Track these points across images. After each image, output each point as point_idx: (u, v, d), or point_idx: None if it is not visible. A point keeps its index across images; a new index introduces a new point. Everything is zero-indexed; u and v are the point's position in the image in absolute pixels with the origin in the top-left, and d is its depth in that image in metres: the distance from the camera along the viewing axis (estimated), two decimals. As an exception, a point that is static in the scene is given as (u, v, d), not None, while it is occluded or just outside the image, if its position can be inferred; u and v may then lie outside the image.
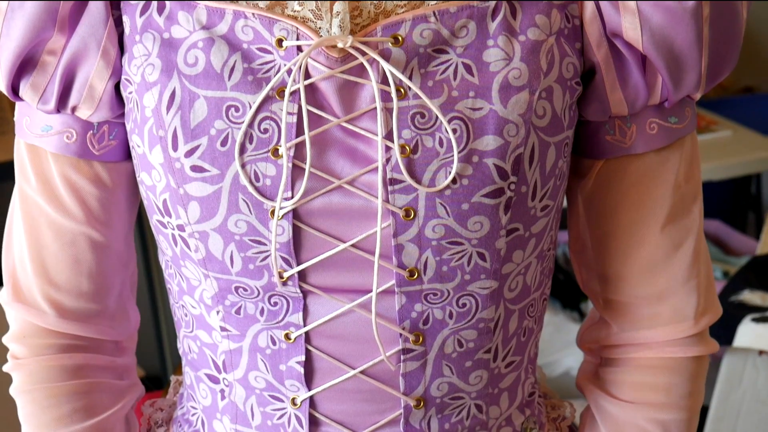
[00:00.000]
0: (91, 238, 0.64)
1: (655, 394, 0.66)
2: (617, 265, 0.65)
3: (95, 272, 0.65)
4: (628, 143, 0.62)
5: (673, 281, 0.64)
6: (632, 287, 0.65)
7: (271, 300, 0.59)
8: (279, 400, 0.62)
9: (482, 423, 0.64)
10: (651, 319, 0.65)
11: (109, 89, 0.59)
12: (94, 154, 0.62)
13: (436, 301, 0.59)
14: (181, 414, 0.71)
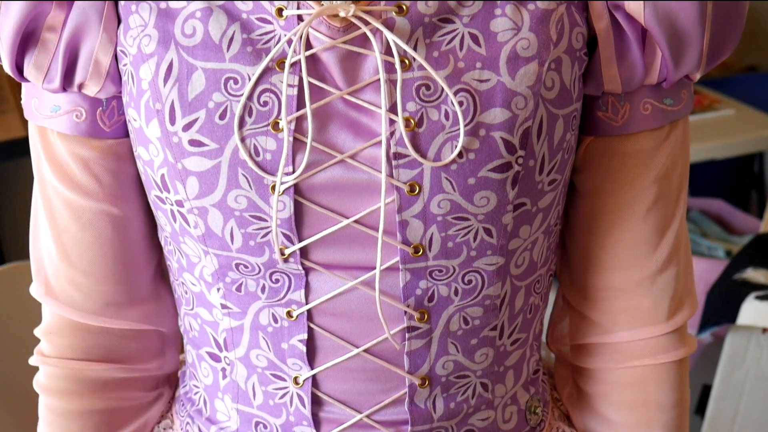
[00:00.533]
0: (111, 215, 0.62)
1: (647, 410, 0.65)
2: (599, 248, 0.64)
3: (119, 251, 0.63)
4: (619, 122, 0.60)
5: (654, 268, 0.63)
6: (613, 272, 0.63)
7: (272, 277, 0.58)
8: (281, 379, 0.61)
9: (488, 401, 0.63)
10: (629, 313, 0.64)
11: (114, 62, 0.57)
12: (105, 131, 0.60)
13: (441, 277, 0.57)
14: (183, 392, 0.70)
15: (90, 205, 0.62)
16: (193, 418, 0.68)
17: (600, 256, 0.64)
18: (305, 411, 0.61)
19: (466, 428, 0.63)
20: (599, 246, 0.64)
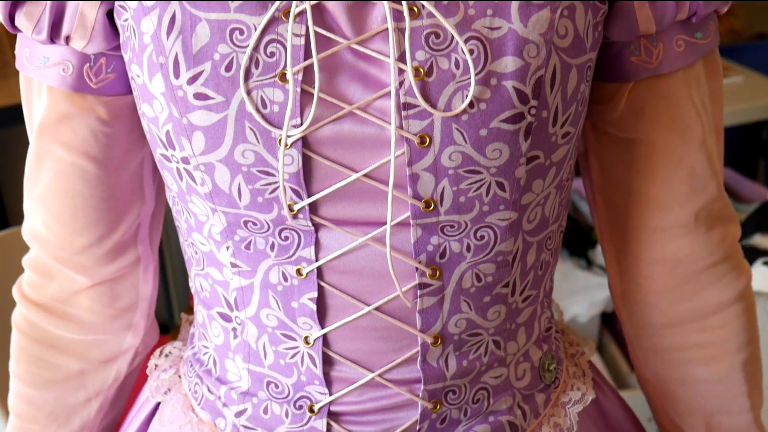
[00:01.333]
0: (84, 170, 0.63)
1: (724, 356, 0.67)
2: (655, 190, 0.63)
3: (89, 206, 0.65)
4: (654, 63, 0.59)
5: (710, 198, 0.64)
6: (675, 209, 0.64)
7: (281, 234, 0.57)
8: (291, 338, 0.60)
9: (500, 359, 0.63)
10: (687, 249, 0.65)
11: (101, 18, 0.56)
12: (91, 88, 0.60)
13: (453, 233, 0.56)
14: (192, 354, 0.70)
15: (65, 157, 0.63)
16: (202, 378, 0.67)
17: (655, 198, 0.64)
18: (316, 371, 0.60)
19: (479, 386, 0.62)
20: (657, 187, 0.63)
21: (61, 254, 0.67)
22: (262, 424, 0.63)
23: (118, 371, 0.73)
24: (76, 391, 0.72)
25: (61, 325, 0.69)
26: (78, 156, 0.63)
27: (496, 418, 0.64)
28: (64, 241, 0.66)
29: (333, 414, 0.61)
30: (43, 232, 0.66)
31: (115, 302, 0.70)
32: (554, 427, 0.66)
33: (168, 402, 0.68)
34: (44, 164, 0.64)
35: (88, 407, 0.73)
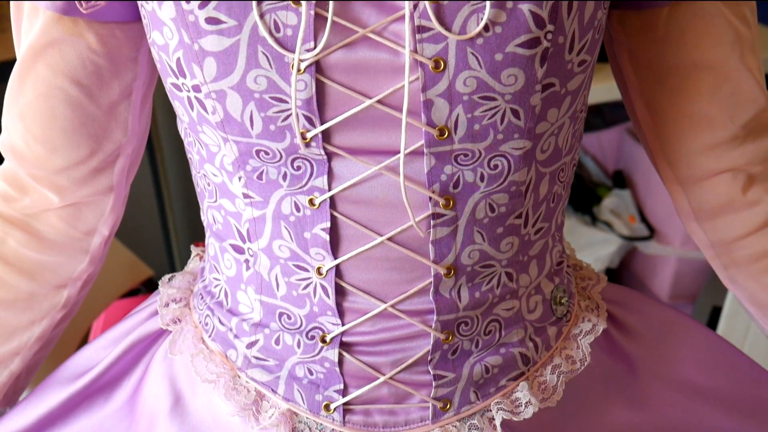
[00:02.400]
0: (67, 94, 0.63)
1: None
2: (703, 108, 0.64)
3: (70, 130, 0.65)
4: None
5: (759, 110, 0.65)
6: (725, 124, 0.65)
7: (294, 164, 0.56)
8: (304, 269, 0.60)
9: (512, 291, 0.63)
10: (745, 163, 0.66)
11: None
12: (81, 12, 0.60)
13: (467, 162, 0.56)
14: (202, 286, 0.70)
15: (49, 78, 0.63)
16: (213, 310, 0.67)
17: (704, 116, 0.65)
18: (329, 301, 0.60)
19: (491, 318, 0.62)
20: (701, 106, 0.64)
21: (38, 172, 0.67)
22: (274, 354, 0.64)
23: (68, 298, 0.74)
24: (21, 312, 0.71)
25: (23, 240, 0.70)
26: (63, 80, 0.63)
27: (507, 350, 0.64)
28: (42, 161, 0.66)
29: (345, 344, 0.61)
30: (21, 148, 0.66)
31: (80, 224, 0.71)
32: (566, 359, 0.66)
33: (178, 332, 0.69)
34: (28, 83, 0.63)
35: (30, 331, 0.72)
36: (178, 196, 2.05)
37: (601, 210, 2.06)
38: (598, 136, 2.12)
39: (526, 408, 0.64)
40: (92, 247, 0.73)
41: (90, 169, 0.68)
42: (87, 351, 0.73)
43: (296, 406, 0.64)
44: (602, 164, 2.16)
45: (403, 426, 0.63)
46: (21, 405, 0.72)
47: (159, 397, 0.68)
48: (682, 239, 1.93)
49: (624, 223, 2.02)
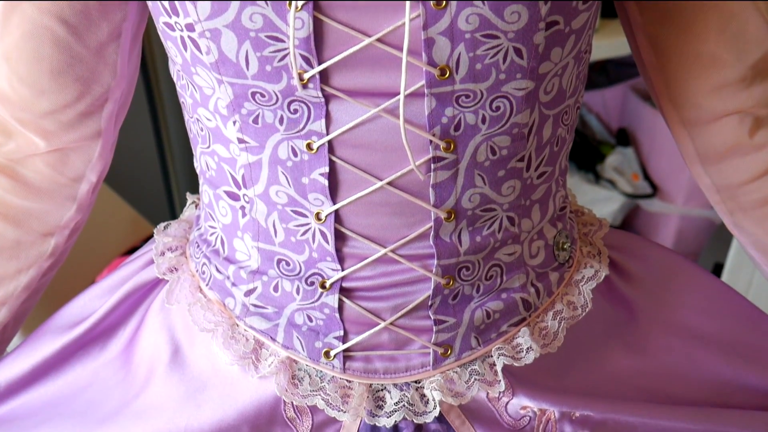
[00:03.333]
0: (55, 35, 0.62)
1: None
2: (710, 47, 0.62)
3: (56, 71, 0.63)
4: None
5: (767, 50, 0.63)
6: (733, 64, 0.63)
7: (290, 107, 0.55)
8: (302, 215, 0.59)
9: (514, 236, 0.62)
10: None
11: None
12: None
13: (468, 104, 0.55)
14: (198, 235, 0.69)
15: (35, 16, 0.61)
16: (210, 258, 0.66)
17: (710, 56, 0.63)
18: (328, 247, 0.59)
19: (492, 263, 0.62)
20: (708, 45, 0.63)
21: (24, 116, 0.65)
22: (273, 302, 0.63)
23: (55, 246, 0.72)
24: (7, 261, 0.70)
25: (8, 186, 0.68)
26: (50, 18, 0.61)
27: (509, 295, 0.63)
28: (28, 103, 0.65)
29: (345, 290, 0.61)
30: (6, 90, 0.64)
31: (67, 170, 0.69)
32: (568, 304, 0.66)
33: (175, 282, 0.68)
34: (13, 20, 0.61)
35: (17, 280, 0.71)
36: (180, 152, 2.04)
37: (605, 168, 2.04)
38: (602, 94, 2.10)
39: (527, 354, 0.63)
40: (79, 195, 0.71)
41: (77, 112, 0.66)
42: (81, 300, 0.73)
43: (296, 354, 0.63)
44: (606, 122, 2.14)
45: (404, 372, 0.63)
46: (14, 353, 0.71)
47: (157, 347, 0.68)
48: (685, 197, 1.92)
49: (627, 181, 2.01)
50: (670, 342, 0.71)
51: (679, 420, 0.67)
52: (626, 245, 0.73)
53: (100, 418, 0.67)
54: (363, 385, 0.63)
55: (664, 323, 0.71)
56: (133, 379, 0.68)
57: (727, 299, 0.74)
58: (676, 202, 1.94)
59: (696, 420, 0.67)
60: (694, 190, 1.90)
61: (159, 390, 0.66)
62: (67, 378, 0.69)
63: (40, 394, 0.70)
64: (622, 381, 0.69)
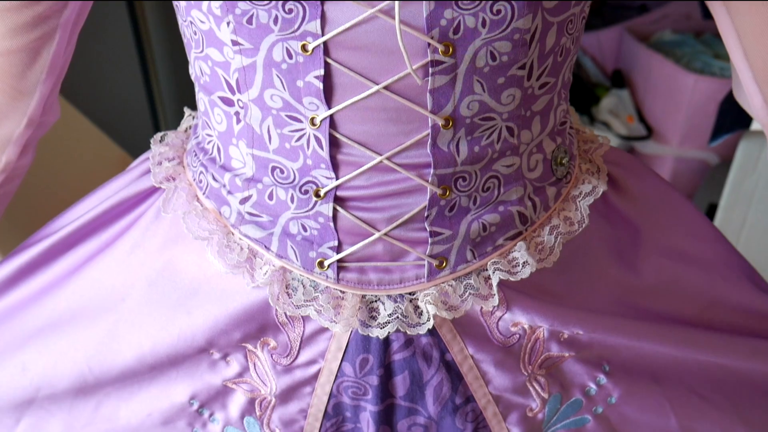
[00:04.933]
0: None
1: None
2: None
3: None
4: None
5: None
6: None
7: (285, 6, 0.53)
8: (297, 120, 0.58)
9: (513, 147, 0.61)
10: None
11: None
12: None
13: (468, 6, 0.53)
14: (195, 143, 0.68)
15: None
16: (206, 167, 0.65)
17: None
18: (323, 153, 0.58)
19: (490, 174, 0.61)
20: None
21: None
22: (267, 210, 0.62)
23: (6, 162, 0.70)
24: None
25: None
26: None
27: (505, 208, 0.63)
28: None
29: (339, 199, 0.60)
30: None
31: (16, 81, 0.66)
32: (564, 220, 0.65)
33: (172, 190, 0.67)
34: None
35: None
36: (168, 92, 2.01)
37: (600, 110, 2.03)
38: (597, 36, 2.07)
39: (523, 268, 0.63)
40: (30, 109, 0.68)
41: (35, 14, 0.62)
42: (72, 210, 0.72)
43: (290, 264, 0.63)
44: (601, 64, 2.12)
45: (398, 284, 0.62)
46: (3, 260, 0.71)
47: (149, 255, 0.67)
48: (680, 138, 1.91)
49: (622, 123, 1.99)
50: (660, 262, 0.71)
51: (663, 344, 0.68)
52: (626, 163, 0.72)
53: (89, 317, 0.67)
54: (356, 296, 0.62)
55: (656, 243, 0.71)
56: (121, 283, 0.67)
57: (708, 226, 0.74)
58: (671, 144, 1.93)
59: (680, 346, 0.68)
60: (689, 132, 1.89)
61: (150, 297, 0.66)
62: (54, 270, 0.69)
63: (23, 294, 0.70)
64: (615, 297, 0.69)
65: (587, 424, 0.70)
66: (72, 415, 0.71)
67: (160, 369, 0.68)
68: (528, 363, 0.67)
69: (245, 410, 0.69)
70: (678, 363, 0.69)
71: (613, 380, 0.69)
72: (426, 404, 0.67)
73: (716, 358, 0.69)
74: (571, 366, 0.68)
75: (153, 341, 0.66)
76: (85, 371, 0.68)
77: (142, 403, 0.69)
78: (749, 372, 0.70)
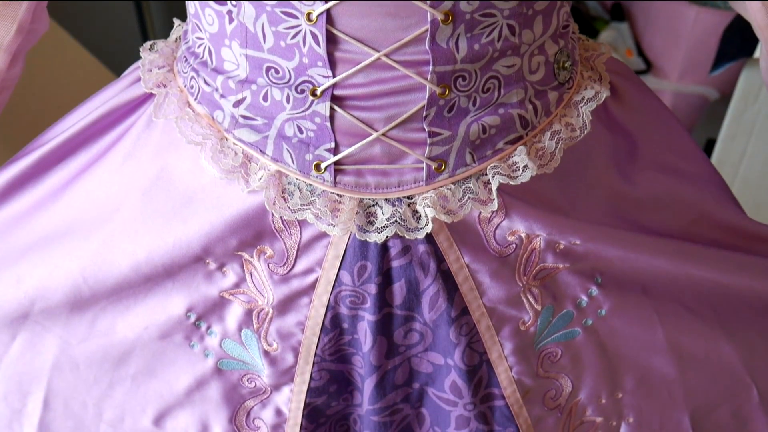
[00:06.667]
0: None
1: None
2: None
3: None
4: None
5: None
6: None
7: None
8: (293, 16, 0.56)
9: (514, 47, 0.59)
10: None
11: None
12: None
13: None
14: (186, 48, 0.66)
15: None
16: (198, 71, 0.64)
17: None
18: (320, 50, 0.56)
19: (490, 74, 0.59)
20: None
21: None
22: (262, 112, 0.61)
23: None
24: None
25: None
26: None
27: (506, 111, 0.61)
28: None
29: (336, 98, 0.58)
30: None
31: None
32: (566, 126, 0.64)
33: (163, 96, 0.65)
34: None
35: None
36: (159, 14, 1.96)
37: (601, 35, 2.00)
38: (598, -32, 2.03)
39: (523, 172, 0.62)
40: (20, 14, 0.66)
41: None
42: (63, 121, 0.70)
43: (285, 167, 0.62)
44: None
45: (396, 187, 0.61)
46: None
47: (141, 164, 0.66)
48: (679, 73, 1.89)
49: (621, 57, 1.97)
50: (655, 175, 0.70)
51: (655, 256, 0.67)
52: (627, 74, 0.71)
53: (83, 229, 0.66)
54: (354, 200, 0.61)
55: (651, 157, 0.71)
56: (115, 194, 0.66)
57: (698, 150, 0.74)
58: (670, 79, 1.91)
59: (672, 258, 0.68)
60: (688, 67, 1.87)
61: (144, 207, 0.65)
62: (45, 185, 0.67)
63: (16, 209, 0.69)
64: (611, 207, 0.68)
65: (577, 337, 0.70)
66: (68, 331, 0.71)
67: (155, 280, 0.67)
68: (523, 274, 0.66)
69: (242, 322, 0.68)
70: (668, 275, 0.69)
71: (605, 292, 0.69)
72: (422, 311, 0.66)
73: (705, 271, 0.69)
74: (565, 277, 0.68)
75: (148, 250, 0.65)
76: (79, 282, 0.67)
77: (139, 316, 0.69)
78: (736, 285, 0.71)
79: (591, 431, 0.76)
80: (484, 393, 0.71)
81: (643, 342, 0.71)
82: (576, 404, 0.74)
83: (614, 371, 0.72)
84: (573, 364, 0.71)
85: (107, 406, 0.73)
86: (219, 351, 0.69)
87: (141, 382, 0.72)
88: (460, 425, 0.73)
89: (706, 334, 0.72)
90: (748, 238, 0.73)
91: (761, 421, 0.77)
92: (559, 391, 0.73)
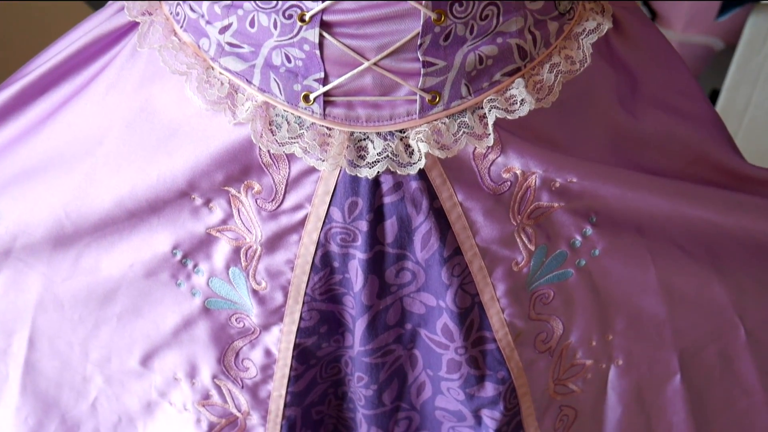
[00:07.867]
0: None
1: None
2: None
3: None
4: None
5: None
6: None
7: None
8: None
9: None
10: None
11: None
12: None
13: None
14: None
15: None
16: None
17: None
18: None
19: (488, 0, 0.56)
20: None
21: None
22: (249, 39, 0.58)
23: None
24: None
25: None
26: None
27: (504, 40, 0.59)
28: None
29: (326, 24, 0.56)
30: None
31: None
32: (566, 58, 0.61)
33: (147, 24, 0.63)
34: None
35: None
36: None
37: (602, -7, 1.96)
38: None
39: (521, 106, 0.59)
40: None
41: None
42: (45, 53, 0.68)
43: (273, 98, 0.59)
44: (606, -54, 2.03)
45: (388, 120, 0.59)
46: None
47: (125, 95, 0.63)
48: (685, 23, 1.85)
49: (625, 6, 1.93)
50: (656, 113, 0.68)
51: (652, 194, 0.66)
52: (631, 6, 0.68)
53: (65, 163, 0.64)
54: (344, 133, 0.59)
55: (653, 95, 0.69)
56: (98, 126, 0.64)
57: (700, 89, 0.72)
58: (675, 29, 1.87)
59: (668, 196, 0.67)
60: (694, 16, 1.83)
61: (128, 139, 0.63)
62: (27, 117, 0.65)
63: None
64: (611, 145, 0.66)
65: (569, 278, 0.69)
66: (51, 268, 0.69)
67: (140, 216, 0.65)
68: (517, 213, 0.64)
69: (230, 260, 0.66)
70: (664, 214, 0.67)
71: (599, 231, 0.67)
72: (414, 250, 0.65)
73: (700, 210, 0.68)
74: (560, 216, 0.66)
75: (132, 184, 0.63)
76: (62, 217, 0.66)
77: (123, 253, 0.67)
78: (729, 224, 0.69)
79: (581, 374, 0.75)
80: (475, 336, 0.70)
81: (635, 282, 0.70)
82: (567, 347, 0.73)
83: (605, 313, 0.71)
84: (565, 305, 0.70)
85: (93, 346, 0.72)
86: (206, 290, 0.68)
87: (127, 321, 0.70)
88: (451, 369, 0.72)
89: (697, 273, 0.71)
90: (746, 181, 0.72)
91: (746, 360, 0.76)
92: (550, 333, 0.72)
